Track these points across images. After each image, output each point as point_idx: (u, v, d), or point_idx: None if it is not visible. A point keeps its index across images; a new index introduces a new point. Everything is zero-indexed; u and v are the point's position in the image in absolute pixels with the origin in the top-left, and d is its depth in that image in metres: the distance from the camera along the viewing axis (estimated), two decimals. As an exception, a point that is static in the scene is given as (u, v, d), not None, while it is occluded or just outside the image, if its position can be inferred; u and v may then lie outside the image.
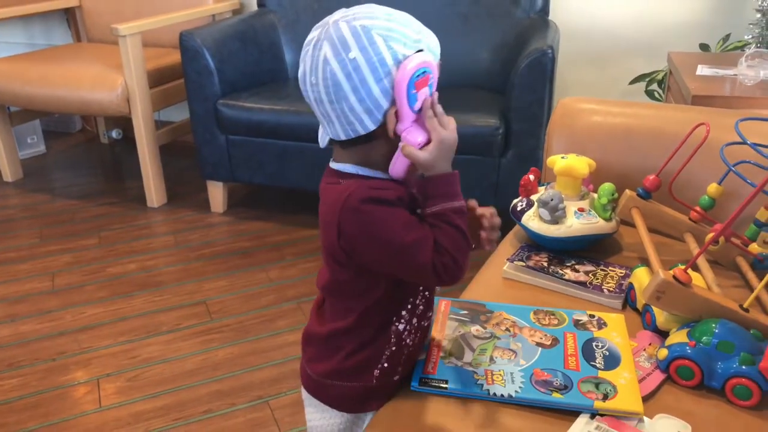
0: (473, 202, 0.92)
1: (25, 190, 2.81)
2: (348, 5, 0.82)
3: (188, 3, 2.75)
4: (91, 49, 2.85)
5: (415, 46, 0.78)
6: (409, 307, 0.89)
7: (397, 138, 0.80)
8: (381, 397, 0.92)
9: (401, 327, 0.89)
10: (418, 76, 0.77)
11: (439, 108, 0.81)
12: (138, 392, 1.61)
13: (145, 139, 2.48)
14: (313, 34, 0.79)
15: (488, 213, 0.91)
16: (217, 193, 2.52)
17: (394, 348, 0.90)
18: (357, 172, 0.84)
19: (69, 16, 3.18)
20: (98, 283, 2.09)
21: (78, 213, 2.58)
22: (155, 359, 1.72)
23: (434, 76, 0.80)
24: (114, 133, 3.30)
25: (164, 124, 2.77)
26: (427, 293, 0.91)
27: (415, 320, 0.91)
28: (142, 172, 2.55)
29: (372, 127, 0.79)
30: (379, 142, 0.81)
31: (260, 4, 2.67)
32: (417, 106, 0.79)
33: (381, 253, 0.81)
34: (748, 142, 1.03)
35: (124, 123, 3.16)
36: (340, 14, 0.79)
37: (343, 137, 0.81)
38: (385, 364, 0.90)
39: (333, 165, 0.86)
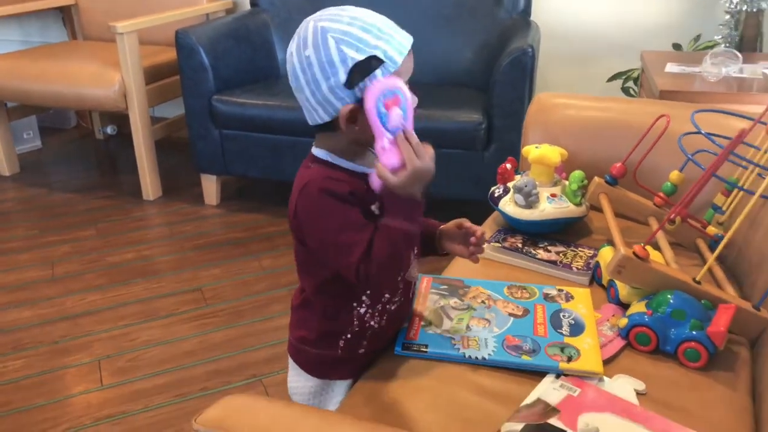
0: (465, 221, 1.01)
1: (22, 183, 2.88)
2: (335, 5, 0.90)
3: (183, 2, 2.83)
4: (87, 46, 2.93)
5: (369, 51, 0.82)
6: (369, 292, 0.96)
7: (358, 133, 0.87)
8: (347, 367, 1.01)
9: (362, 311, 0.97)
10: (386, 96, 0.82)
11: (414, 138, 0.83)
12: (138, 372, 1.69)
13: (141, 134, 2.56)
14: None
15: (479, 232, 1.00)
16: (210, 186, 2.61)
17: (357, 328, 0.98)
18: (326, 159, 0.92)
19: (65, 14, 3.25)
20: (97, 272, 2.16)
21: (75, 206, 2.65)
22: (154, 341, 1.81)
23: (406, 100, 0.83)
24: (109, 129, 3.37)
25: (159, 120, 2.85)
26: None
27: (379, 305, 0.97)
28: (138, 166, 2.63)
29: (327, 118, 0.87)
30: (341, 133, 0.88)
31: (253, 4, 2.76)
32: (391, 124, 0.82)
33: (316, 242, 0.90)
34: (703, 131, 1.13)
35: (119, 119, 3.24)
36: (317, 14, 0.86)
37: (310, 122, 0.90)
38: (349, 336, 0.98)
39: (312, 149, 0.95)
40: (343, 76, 0.83)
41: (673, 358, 1.00)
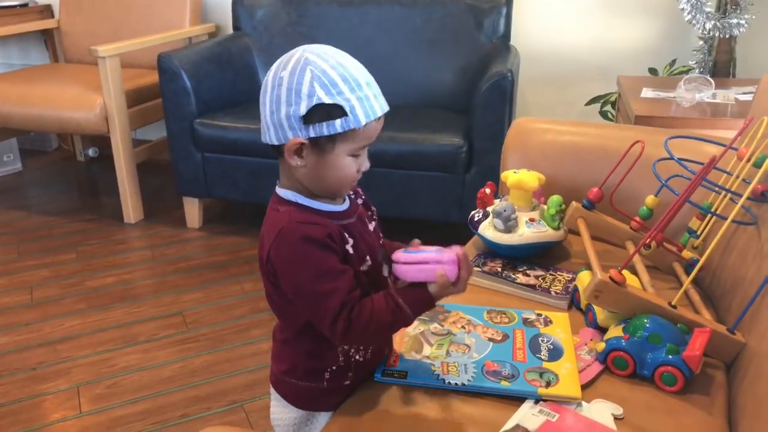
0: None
1: (1, 206, 2.85)
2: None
3: (165, 26, 2.85)
4: (69, 69, 2.93)
5: (338, 100, 0.83)
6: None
7: (303, 169, 0.88)
8: (332, 399, 1.00)
9: (347, 347, 0.96)
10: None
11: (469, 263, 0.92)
12: (117, 398, 1.67)
13: (122, 157, 2.56)
14: None
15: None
16: (192, 209, 2.60)
17: (342, 363, 0.97)
18: (294, 200, 0.91)
19: (47, 37, 3.25)
20: (76, 296, 2.14)
21: (55, 229, 2.63)
22: (133, 367, 1.79)
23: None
24: (91, 152, 3.36)
25: (141, 143, 2.84)
26: None
27: None
28: (119, 189, 2.62)
29: (275, 142, 0.88)
30: (286, 163, 0.89)
31: (236, 28, 2.78)
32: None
33: (291, 289, 0.89)
34: (675, 158, 1.15)
35: (101, 141, 3.23)
36: (314, 45, 0.87)
37: (262, 139, 0.90)
38: (334, 368, 0.97)
39: (277, 189, 0.94)
40: (303, 110, 0.83)
41: (650, 382, 1.01)
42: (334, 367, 0.97)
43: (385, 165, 2.18)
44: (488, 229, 1.33)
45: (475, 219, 1.38)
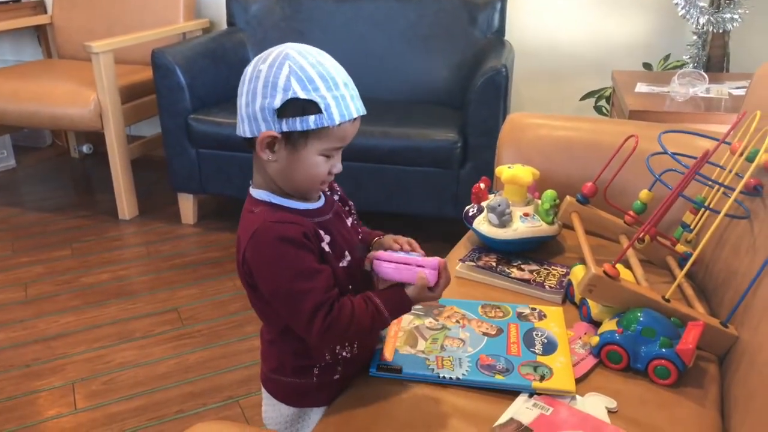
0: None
1: (-5, 203, 2.84)
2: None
3: (159, 21, 2.84)
4: (63, 65, 2.91)
5: (313, 96, 0.83)
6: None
7: (275, 163, 0.88)
8: (322, 394, 0.99)
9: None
10: None
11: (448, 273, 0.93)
12: (112, 395, 1.67)
13: (117, 154, 2.55)
14: None
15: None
16: (187, 205, 2.60)
17: (329, 360, 0.97)
18: (268, 200, 0.90)
19: (40, 32, 3.23)
20: (71, 293, 2.14)
21: (50, 225, 2.62)
22: (129, 364, 1.79)
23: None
24: (85, 148, 3.35)
25: (135, 139, 2.83)
26: None
27: None
28: (113, 185, 2.62)
29: (248, 134, 0.87)
30: (258, 158, 0.89)
31: (230, 23, 2.77)
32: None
33: (268, 289, 0.88)
34: (669, 152, 1.16)
35: (95, 138, 3.22)
36: (296, 44, 0.87)
37: (236, 132, 0.90)
38: (323, 364, 0.97)
39: (250, 190, 0.93)
40: (278, 103, 0.83)
41: (643, 375, 1.01)
42: (322, 364, 0.97)
43: (379, 161, 2.18)
44: (483, 224, 1.33)
45: (470, 214, 1.38)
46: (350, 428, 0.92)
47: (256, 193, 0.92)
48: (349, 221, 0.99)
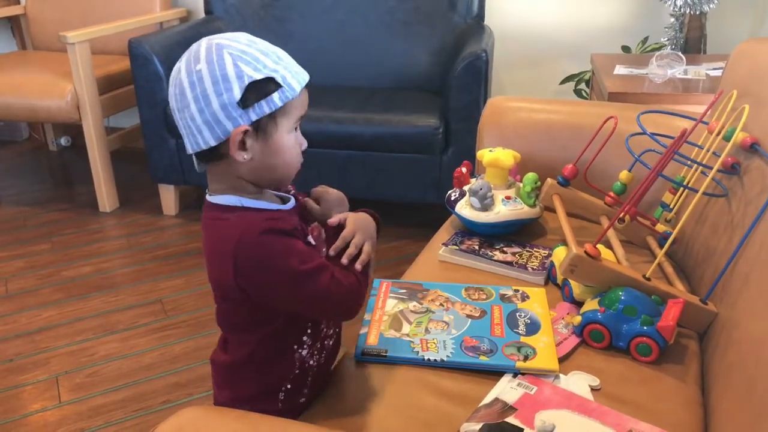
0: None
1: (-28, 198, 2.80)
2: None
3: (136, 11, 2.80)
4: (37, 56, 2.87)
5: (267, 73, 0.80)
6: (310, 331, 0.92)
7: (250, 164, 0.83)
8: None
9: (304, 353, 0.92)
10: None
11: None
12: (97, 387, 1.66)
13: (95, 146, 2.52)
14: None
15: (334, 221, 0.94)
16: (168, 196, 2.58)
17: (297, 372, 0.92)
18: (242, 204, 0.85)
19: (13, 23, 3.18)
20: (53, 287, 2.12)
21: (29, 219, 2.59)
22: (113, 356, 1.78)
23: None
24: (63, 141, 3.30)
25: (114, 130, 2.80)
26: None
27: (318, 343, 0.94)
28: (93, 177, 2.59)
29: (212, 142, 0.81)
30: (231, 162, 0.83)
31: (207, 12, 2.74)
32: None
33: (280, 285, 0.83)
34: (647, 132, 1.17)
35: (73, 130, 3.18)
36: (211, 36, 0.83)
37: (190, 150, 0.84)
38: (289, 386, 0.92)
39: (211, 199, 0.86)
40: (238, 93, 0.79)
41: (625, 353, 1.03)
42: (289, 385, 0.93)
43: (361, 148, 2.17)
44: (465, 208, 1.34)
45: (452, 198, 1.38)
46: (337, 413, 0.92)
47: (221, 199, 0.86)
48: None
